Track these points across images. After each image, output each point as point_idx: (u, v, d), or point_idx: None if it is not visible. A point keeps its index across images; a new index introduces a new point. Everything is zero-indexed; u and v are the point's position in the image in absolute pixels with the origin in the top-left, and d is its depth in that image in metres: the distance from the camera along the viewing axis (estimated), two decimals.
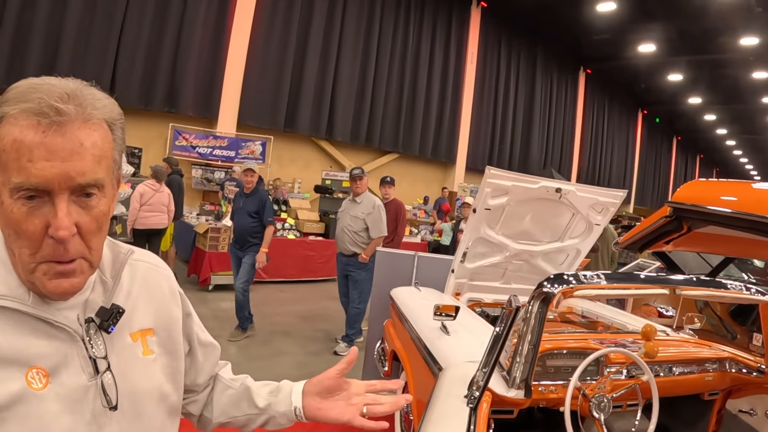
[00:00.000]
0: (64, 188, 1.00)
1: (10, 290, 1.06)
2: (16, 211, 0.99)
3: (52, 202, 1.00)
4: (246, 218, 7.43)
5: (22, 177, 0.97)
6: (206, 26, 15.17)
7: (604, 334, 3.84)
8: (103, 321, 1.14)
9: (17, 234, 1.01)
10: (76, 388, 1.09)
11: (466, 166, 22.99)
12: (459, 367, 3.02)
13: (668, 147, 43.30)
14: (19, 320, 1.06)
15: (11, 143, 0.97)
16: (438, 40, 21.43)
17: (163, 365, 1.30)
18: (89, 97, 1.05)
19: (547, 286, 2.71)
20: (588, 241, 5.16)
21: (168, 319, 1.34)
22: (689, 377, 3.42)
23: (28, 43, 12.32)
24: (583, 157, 31.05)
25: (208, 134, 15.42)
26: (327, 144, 18.83)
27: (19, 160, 0.97)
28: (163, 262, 1.42)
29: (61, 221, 0.99)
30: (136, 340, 1.24)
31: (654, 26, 21.95)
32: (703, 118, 36.45)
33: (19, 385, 1.02)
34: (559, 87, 28.27)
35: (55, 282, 1.04)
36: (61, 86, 1.02)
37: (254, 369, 6.36)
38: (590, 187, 4.80)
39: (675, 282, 3.05)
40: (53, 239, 1.01)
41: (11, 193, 0.99)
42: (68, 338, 1.10)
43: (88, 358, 1.12)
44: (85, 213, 1.04)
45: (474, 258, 5.10)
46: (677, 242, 3.53)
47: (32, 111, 0.98)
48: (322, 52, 17.75)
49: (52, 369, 1.07)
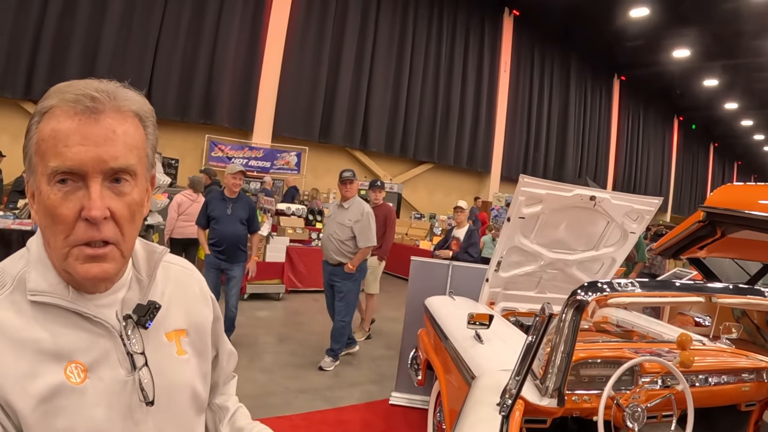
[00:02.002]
0: (98, 171, 1.05)
1: (51, 286, 1.10)
2: (53, 196, 1.04)
3: (86, 186, 1.05)
4: (237, 226, 6.94)
5: (58, 161, 1.03)
6: (241, 39, 15.37)
7: (639, 344, 3.80)
8: (140, 317, 1.18)
9: (52, 220, 1.06)
10: (113, 383, 1.13)
11: (500, 176, 22.89)
12: (492, 376, 3.02)
13: (705, 154, 42.68)
14: (58, 315, 1.10)
15: (50, 132, 1.05)
16: (471, 50, 21.42)
17: (195, 366, 1.33)
18: (122, 91, 1.13)
19: (580, 294, 2.70)
20: (623, 250, 5.12)
21: (200, 322, 1.38)
22: (725, 387, 3.37)
23: (66, 57, 12.62)
24: (618, 166, 30.73)
25: (243, 145, 15.58)
26: (362, 154, 18.93)
27: (56, 146, 1.04)
28: (192, 265, 1.46)
29: (94, 202, 1.04)
30: (171, 340, 1.28)
31: (688, 31, 21.69)
32: (740, 123, 35.85)
33: (57, 379, 1.06)
34: (594, 94, 28.05)
35: (86, 266, 1.07)
36: (97, 84, 1.10)
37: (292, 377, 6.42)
38: (625, 195, 4.77)
39: (711, 290, 3.02)
40: (86, 221, 1.05)
41: (48, 180, 1.05)
42: (107, 334, 1.14)
43: (126, 354, 1.15)
44: (117, 199, 1.09)
45: (508, 267, 5.09)
46: (711, 248, 3.50)
47: (69, 100, 1.05)
48: (356, 62, 17.87)
49: (91, 364, 1.11)
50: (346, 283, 6.95)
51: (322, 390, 6.16)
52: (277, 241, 10.77)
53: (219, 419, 1.59)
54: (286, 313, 9.13)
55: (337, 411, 5.65)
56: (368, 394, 6.20)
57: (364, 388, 6.35)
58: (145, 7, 13.73)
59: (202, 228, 7.00)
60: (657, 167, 34.82)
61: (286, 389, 6.06)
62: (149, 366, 1.18)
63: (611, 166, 30.08)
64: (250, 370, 6.58)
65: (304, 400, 5.82)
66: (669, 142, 36.25)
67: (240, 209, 6.95)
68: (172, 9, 14.16)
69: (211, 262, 6.87)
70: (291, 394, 5.96)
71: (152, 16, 13.83)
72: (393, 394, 6.04)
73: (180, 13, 14.29)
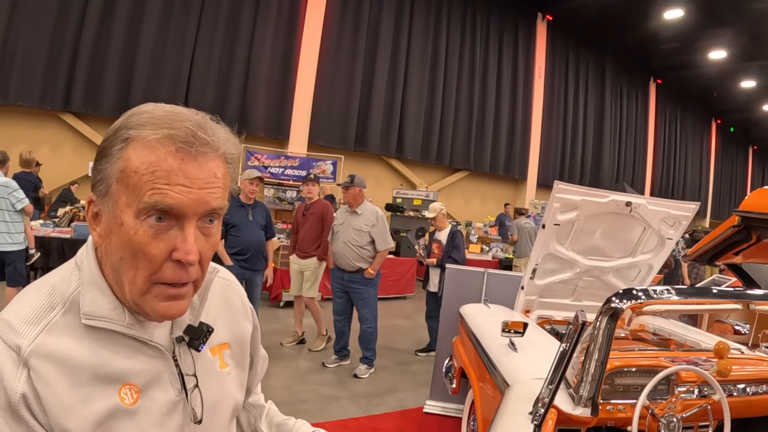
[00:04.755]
0: (197, 214, 1.05)
1: (107, 312, 1.09)
2: (141, 232, 1.02)
3: (180, 227, 1.05)
4: (259, 232, 6.93)
5: (158, 197, 1.01)
6: (275, 49, 15.52)
7: (676, 352, 3.76)
8: (192, 339, 1.19)
9: (136, 255, 1.03)
10: (165, 403, 1.14)
11: (537, 183, 22.74)
12: (526, 384, 3.01)
13: (744, 157, 41.87)
14: (114, 340, 1.09)
15: (147, 166, 1.02)
16: (505, 55, 21.33)
17: (235, 377, 1.35)
18: (221, 132, 1.13)
19: (615, 302, 2.68)
20: (660, 256, 5.06)
21: (241, 334, 1.40)
22: (764, 397, 3.31)
23: (104, 69, 12.87)
24: (656, 170, 30.33)
25: (279, 154, 15.69)
26: (397, 162, 18.95)
27: (155, 182, 1.01)
28: (233, 276, 1.48)
29: (191, 246, 1.04)
30: (215, 354, 1.29)
31: (723, 32, 21.35)
32: None
33: (112, 402, 1.06)
34: (630, 98, 27.73)
35: (166, 305, 1.07)
36: (195, 117, 1.09)
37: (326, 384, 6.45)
38: (661, 200, 4.72)
39: (749, 297, 2.98)
40: (177, 263, 1.05)
41: (138, 214, 1.02)
42: (159, 355, 1.15)
43: (177, 375, 1.17)
44: (205, 240, 1.09)
45: (544, 274, 5.05)
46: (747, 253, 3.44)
47: (175, 138, 1.03)
48: (390, 70, 17.91)
49: (144, 385, 1.11)
50: (368, 288, 6.99)
51: (356, 397, 6.19)
52: None
53: (255, 417, 1.63)
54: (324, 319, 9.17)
55: (371, 419, 5.66)
56: (403, 402, 6.21)
57: (398, 396, 6.37)
58: (180, 19, 13.94)
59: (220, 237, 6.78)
60: (695, 172, 34.29)
61: (320, 396, 6.10)
62: (199, 386, 1.20)
63: (648, 172, 29.70)
64: (284, 377, 6.64)
65: (338, 407, 5.85)
66: (707, 145, 35.68)
67: (258, 215, 6.95)
68: (206, 21, 14.35)
69: (236, 273, 6.22)
70: (325, 401, 5.99)
71: (188, 28, 14.05)
72: (427, 402, 6.04)
73: (215, 26, 14.48)
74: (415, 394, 6.44)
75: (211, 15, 14.42)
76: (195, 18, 14.16)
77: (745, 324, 4.68)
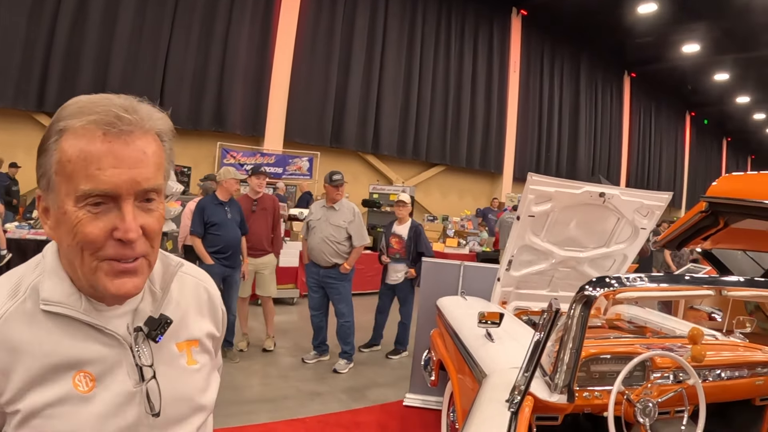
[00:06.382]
0: (131, 193, 1.06)
1: (64, 297, 1.11)
2: (82, 216, 1.04)
3: (118, 207, 1.06)
4: (236, 229, 6.77)
5: (91, 184, 1.03)
6: (250, 47, 15.46)
7: (651, 339, 3.80)
8: (151, 330, 1.18)
9: (79, 240, 1.06)
10: (121, 393, 1.14)
11: (513, 177, 22.84)
12: (503, 374, 3.02)
13: (718, 149, 42.36)
14: (70, 326, 1.11)
15: (78, 153, 1.04)
16: (480, 50, 21.40)
17: (204, 376, 1.33)
18: (145, 109, 1.12)
19: (588, 290, 2.70)
20: (634, 246, 5.10)
21: (211, 333, 1.38)
22: (739, 382, 3.35)
23: (78, 69, 12.75)
24: (631, 163, 30.57)
25: (255, 152, 15.64)
26: (373, 158, 18.96)
27: (87, 169, 1.03)
28: (209, 277, 1.47)
29: (130, 224, 1.05)
30: (182, 350, 1.28)
31: (697, 25, 21.52)
32: (752, 117, 35.52)
33: (65, 387, 1.08)
34: (604, 92, 27.92)
35: (118, 282, 1.09)
36: (119, 101, 1.10)
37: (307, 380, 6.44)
38: (635, 191, 4.77)
39: (721, 283, 3.01)
40: (119, 241, 1.06)
41: (77, 201, 1.04)
42: (117, 345, 1.15)
43: (135, 366, 1.16)
44: (147, 215, 1.11)
45: (520, 266, 5.08)
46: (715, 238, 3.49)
47: (99, 122, 1.05)
48: (365, 66, 17.91)
49: (99, 374, 1.12)
50: (344, 283, 6.99)
51: (336, 392, 6.19)
52: (291, 246, 10.78)
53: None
54: (300, 317, 9.15)
55: (352, 413, 5.68)
56: (383, 395, 6.22)
57: (379, 390, 6.38)
58: (155, 17, 13.84)
59: (199, 236, 6.59)
60: (670, 163, 34.62)
61: (301, 392, 6.10)
62: (157, 378, 1.19)
63: (624, 164, 29.92)
64: (264, 374, 6.63)
65: (320, 403, 5.85)
66: (681, 138, 36.04)
67: (235, 213, 6.83)
68: (181, 19, 14.25)
69: (217, 272, 6.38)
70: (306, 396, 5.99)
71: (162, 26, 13.94)
72: (407, 396, 6.05)
73: (189, 23, 14.39)
74: (395, 387, 6.46)
75: (186, 12, 14.33)
76: (169, 16, 14.06)
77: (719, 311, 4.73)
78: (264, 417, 5.33)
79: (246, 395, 5.86)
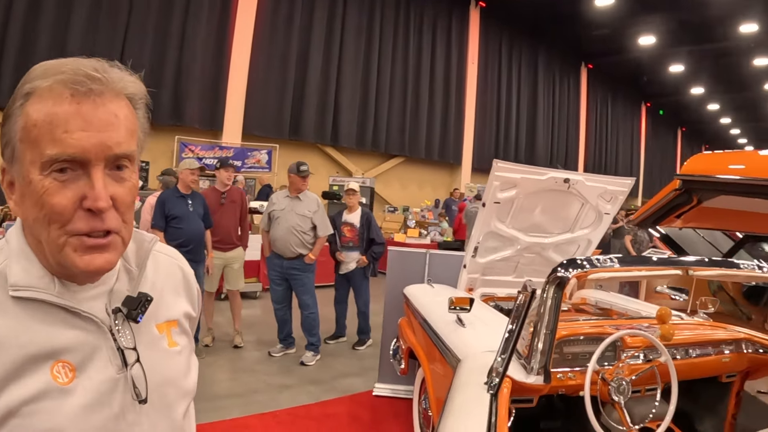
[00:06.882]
0: (101, 158, 0.98)
1: (34, 280, 1.02)
2: (48, 185, 0.96)
3: (87, 175, 0.98)
4: (200, 223, 6.58)
5: (58, 148, 0.95)
6: (208, 39, 15.24)
7: (619, 320, 3.85)
8: (130, 310, 1.10)
9: (45, 211, 0.97)
10: (104, 381, 1.06)
11: (472, 167, 23.01)
12: (477, 357, 3.03)
13: (673, 138, 43.22)
14: (43, 311, 1.02)
15: (43, 117, 0.96)
16: (438, 42, 21.47)
17: (186, 358, 1.27)
18: (116, 72, 1.05)
19: (560, 271, 2.73)
20: (598, 231, 5.18)
21: (188, 313, 1.32)
22: (706, 359, 3.42)
23: (32, 61, 12.31)
24: (588, 153, 30.99)
25: (213, 145, 15.48)
26: (333, 150, 18.90)
27: (53, 132, 0.95)
28: (181, 255, 1.40)
29: (99, 192, 0.97)
30: (162, 332, 1.21)
31: (653, 18, 21.86)
32: (706, 108, 36.29)
33: (43, 380, 0.99)
34: (562, 83, 28.27)
35: (87, 258, 1.00)
36: (89, 62, 1.02)
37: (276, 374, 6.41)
38: (598, 176, 4.83)
39: (688, 263, 3.06)
40: (89, 212, 0.98)
41: (42, 169, 0.96)
42: (95, 329, 1.06)
43: (116, 350, 1.08)
44: (119, 185, 1.02)
45: (485, 252, 5.11)
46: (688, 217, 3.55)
47: (67, 81, 0.97)
48: (324, 58, 17.82)
49: (79, 363, 1.04)
50: (308, 274, 6.91)
51: (305, 385, 6.16)
52: (252, 239, 10.69)
53: None
54: (263, 311, 9.08)
55: (322, 405, 5.65)
56: (352, 386, 6.20)
57: (347, 381, 6.36)
58: (111, 11, 13.53)
59: (160, 230, 6.40)
60: (626, 153, 35.21)
61: (269, 386, 6.06)
62: (141, 362, 1.11)
63: (581, 154, 30.32)
64: (232, 369, 6.59)
65: (289, 396, 5.81)
66: (637, 127, 36.64)
67: (197, 205, 6.64)
68: (137, 12, 13.98)
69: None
70: (275, 390, 5.95)
71: (118, 20, 13.65)
72: (376, 386, 6.04)
73: (146, 16, 14.13)
74: (363, 377, 6.44)
75: (142, 5, 14.07)
76: (125, 9, 13.78)
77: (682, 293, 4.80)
78: (235, 412, 5.28)
79: (215, 391, 5.79)
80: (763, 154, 3.14)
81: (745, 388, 3.67)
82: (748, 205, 2.97)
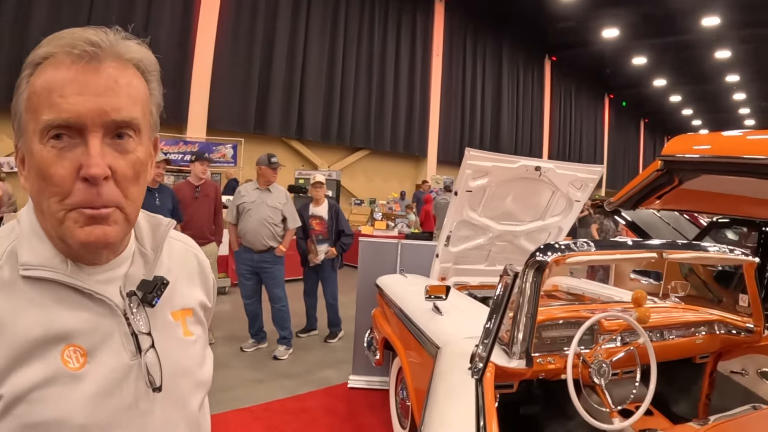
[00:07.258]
0: (98, 124, 0.94)
1: (46, 259, 0.99)
2: (46, 154, 0.93)
3: (84, 143, 0.94)
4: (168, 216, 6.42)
5: (53, 113, 0.92)
6: (172, 32, 15.05)
7: (594, 305, 3.88)
8: (146, 294, 1.07)
9: (46, 181, 0.94)
10: (116, 368, 1.02)
11: (437, 159, 23.10)
12: (457, 344, 3.03)
13: (636, 130, 43.86)
14: (55, 292, 0.99)
15: (42, 83, 0.94)
16: (403, 35, 21.50)
17: (201, 348, 1.24)
18: (123, 40, 1.01)
19: (539, 256, 2.74)
20: (569, 218, 5.22)
21: (204, 303, 1.29)
22: (680, 341, 3.47)
23: None
24: (552, 145, 31.33)
25: (178, 140, 15.29)
26: (298, 144, 18.85)
27: (50, 97, 0.92)
28: (195, 243, 1.37)
29: (94, 158, 0.93)
30: (177, 320, 1.18)
31: (617, 11, 22.14)
32: (668, 99, 36.91)
33: (53, 365, 0.95)
34: (526, 76, 28.52)
35: (87, 229, 0.96)
36: (93, 30, 0.98)
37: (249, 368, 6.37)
38: (569, 164, 4.85)
39: (662, 246, 3.09)
40: (86, 182, 0.93)
41: (41, 136, 0.94)
42: (108, 313, 1.03)
43: (130, 335, 1.05)
44: (120, 157, 0.98)
45: (458, 241, 5.12)
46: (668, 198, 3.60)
47: (65, 45, 0.95)
48: (289, 52, 17.73)
49: (91, 347, 1.00)
50: (279, 267, 6.87)
51: (279, 379, 6.12)
52: None
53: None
54: (233, 306, 9.00)
55: (298, 398, 5.61)
56: (326, 379, 6.17)
57: (322, 374, 6.33)
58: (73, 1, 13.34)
59: None
60: (590, 144, 35.66)
61: (243, 381, 5.99)
62: (156, 348, 1.07)
63: (546, 146, 30.65)
64: None
65: (264, 391, 5.76)
66: (601, 119, 37.11)
67: (165, 199, 6.49)
68: (99, 4, 13.78)
69: None
70: (249, 385, 5.89)
71: (80, 12, 13.43)
72: (351, 378, 6.02)
73: (107, 9, 13.92)
74: (337, 370, 6.41)
75: None
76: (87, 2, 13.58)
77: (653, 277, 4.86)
78: (212, 408, 5.22)
79: None
80: (740, 134, 3.20)
81: (718, 368, 3.73)
82: (726, 187, 3.01)
